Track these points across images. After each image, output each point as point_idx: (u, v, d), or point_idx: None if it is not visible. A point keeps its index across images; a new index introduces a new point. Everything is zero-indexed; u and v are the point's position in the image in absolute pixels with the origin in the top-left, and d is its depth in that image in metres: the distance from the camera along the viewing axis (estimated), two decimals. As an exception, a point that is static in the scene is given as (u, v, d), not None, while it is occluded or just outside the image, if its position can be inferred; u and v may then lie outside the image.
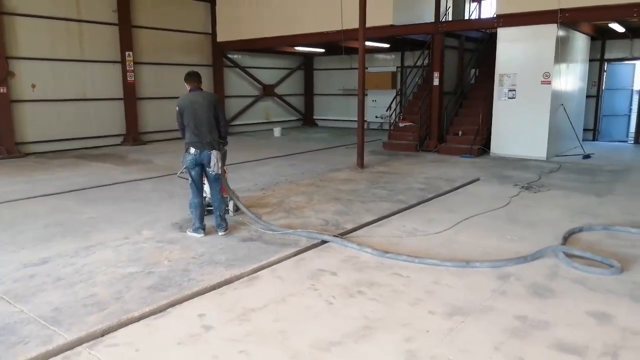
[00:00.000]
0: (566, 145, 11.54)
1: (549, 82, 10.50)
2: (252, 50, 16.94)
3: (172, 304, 3.74)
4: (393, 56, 17.65)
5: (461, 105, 12.91)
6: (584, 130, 13.54)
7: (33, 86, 12.07)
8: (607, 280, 4.25)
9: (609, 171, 9.38)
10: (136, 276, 4.32)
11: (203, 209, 5.51)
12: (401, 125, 13.07)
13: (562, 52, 10.79)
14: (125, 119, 13.85)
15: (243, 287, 4.12)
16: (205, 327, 3.43)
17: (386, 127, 15.15)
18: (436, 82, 11.99)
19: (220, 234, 5.42)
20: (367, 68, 17.71)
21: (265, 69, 18.16)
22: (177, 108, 5.37)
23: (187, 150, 5.35)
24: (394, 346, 3.21)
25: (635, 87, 13.86)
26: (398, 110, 13.98)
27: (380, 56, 18.07)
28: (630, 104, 14.03)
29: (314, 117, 20.10)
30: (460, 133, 11.94)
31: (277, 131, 16.34)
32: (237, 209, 6.16)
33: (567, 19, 10.25)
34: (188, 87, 5.44)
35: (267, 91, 18.16)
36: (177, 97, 5.51)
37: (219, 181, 5.46)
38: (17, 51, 11.64)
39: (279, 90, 18.70)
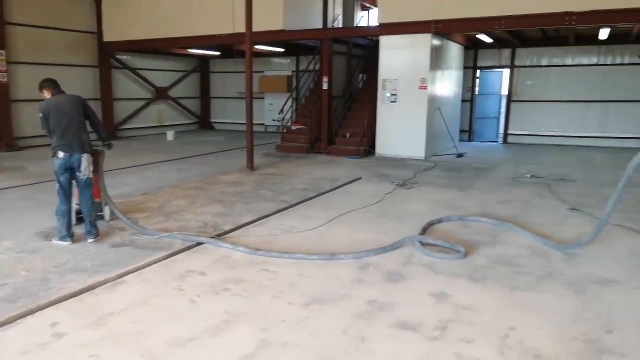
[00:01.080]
0: (443, 145, 12.50)
1: (425, 87, 11.33)
2: (143, 52, 16.40)
3: (23, 315, 3.59)
4: (289, 60, 17.95)
5: (349, 109, 13.49)
6: (461, 131, 14.76)
7: None
8: (452, 264, 4.74)
9: (475, 168, 10.34)
10: (-13, 288, 4.09)
11: (70, 216, 5.30)
12: (294, 128, 13.38)
13: (437, 59, 11.71)
14: (-4, 124, 12.78)
15: (105, 293, 4.06)
16: (56, 335, 3.35)
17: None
18: (325, 86, 12.43)
19: (89, 240, 5.24)
20: (263, 72, 18.05)
21: (159, 71, 17.63)
22: (40, 114, 5.15)
23: (54, 155, 5.13)
24: (249, 337, 3.36)
25: (503, 92, 15.30)
26: (292, 113, 14.26)
27: (276, 60, 18.31)
28: (499, 108, 15.51)
29: (211, 120, 19.85)
30: (348, 135, 12.48)
31: (170, 135, 15.94)
32: (112, 215, 5.99)
33: (440, 29, 11.15)
34: (47, 94, 5.23)
35: (161, 94, 17.64)
36: None
37: (90, 186, 5.26)
38: None
39: (173, 92, 18.23)
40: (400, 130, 11.71)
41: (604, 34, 11.70)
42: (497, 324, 3.56)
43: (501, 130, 15.26)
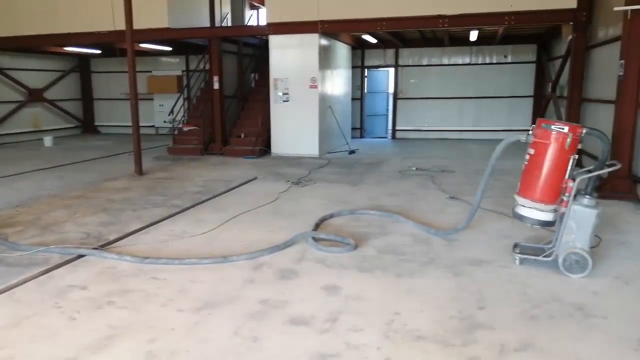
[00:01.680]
0: (336, 143, 12.87)
1: (316, 86, 11.59)
2: (8, 50, 14.90)
3: None
4: (178, 60, 17.35)
5: (243, 108, 13.38)
6: (353, 128, 15.30)
7: None
8: (343, 257, 4.91)
9: (366, 164, 10.78)
10: None
11: None
12: (185, 129, 12.98)
13: (325, 59, 12.01)
14: None
15: (-33, 318, 3.65)
16: None
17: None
18: (216, 85, 12.20)
19: None
20: (151, 72, 17.27)
21: (31, 71, 16.14)
22: None
23: None
24: (135, 350, 3.21)
25: (390, 90, 16.12)
26: (183, 114, 13.81)
27: (165, 59, 17.60)
28: (387, 105, 16.31)
29: (96, 123, 18.60)
30: (242, 135, 12.38)
31: (47, 140, 14.67)
32: None
33: (327, 29, 11.44)
34: None
35: (35, 96, 16.17)
36: None
37: None
38: None
39: (49, 94, 16.80)
40: (294, 129, 11.86)
41: (473, 35, 12.80)
42: (383, 311, 3.75)
43: (390, 126, 16.05)
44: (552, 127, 4.23)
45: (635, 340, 3.31)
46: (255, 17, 18.31)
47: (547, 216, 4.43)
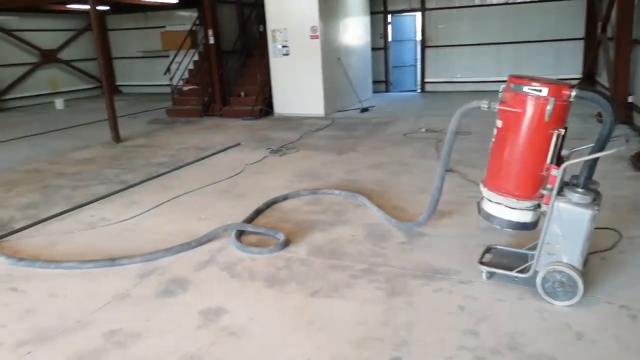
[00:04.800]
0: (349, 100, 11.49)
1: (317, 37, 10.18)
2: (15, 10, 14.40)
3: None
4: (190, 13, 16.26)
5: (244, 64, 12.21)
6: (376, 82, 13.77)
7: None
8: (260, 261, 3.82)
9: (373, 124, 9.42)
10: None
11: None
12: (185, 89, 12.06)
13: (331, 4, 10.52)
14: None
15: None
16: None
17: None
18: (211, 40, 11.08)
19: None
20: (164, 27, 16.33)
21: (43, 32, 15.66)
22: None
23: None
24: None
25: (418, 38, 14.30)
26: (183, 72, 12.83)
27: (179, 13, 16.57)
28: (415, 55, 14.54)
29: (117, 83, 18.11)
30: (242, 94, 11.30)
31: (59, 103, 14.31)
32: None
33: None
34: None
35: (48, 57, 15.76)
36: None
37: None
38: None
39: (64, 55, 16.35)
40: (295, 86, 10.62)
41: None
42: (262, 356, 2.69)
43: (419, 78, 14.35)
44: (525, 88, 2.84)
45: None
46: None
47: (522, 216, 3.10)
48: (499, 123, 3.07)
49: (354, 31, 12.01)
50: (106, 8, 15.51)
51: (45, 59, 15.65)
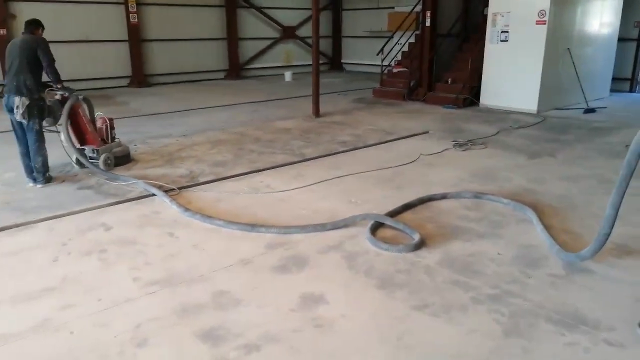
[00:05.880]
0: (574, 97, 9.96)
1: (544, 22, 8.98)
2: (267, -12, 16.30)
3: None
4: (420, -7, 16.07)
5: (460, 49, 11.54)
6: (616, 79, 11.63)
7: (12, 17, 12.45)
8: (383, 258, 3.62)
9: (591, 129, 7.99)
10: None
11: (26, 159, 5.25)
12: (395, 71, 12.06)
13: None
14: (130, 61, 14.09)
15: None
16: None
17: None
18: (427, 22, 10.77)
19: (38, 186, 5.18)
20: (393, 7, 16.55)
21: (286, 9, 17.43)
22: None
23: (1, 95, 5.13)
24: (49, 307, 2.99)
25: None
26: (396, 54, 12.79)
27: (409, -7, 16.55)
28: (680, 49, 11.72)
29: (342, 61, 19.21)
30: (449, 81, 10.77)
31: (287, 75, 15.84)
32: (108, 162, 5.75)
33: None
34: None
35: (288, 33, 17.52)
36: (185, 40, 5.14)
37: (32, 131, 5.07)
38: (17, -7, 12.08)
39: (302, 32, 17.96)
40: (509, 76, 9.65)
41: None
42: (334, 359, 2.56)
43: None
44: None
45: None
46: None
47: None
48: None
49: (597, 17, 10.26)
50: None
51: (284, 34, 17.45)
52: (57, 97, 5.34)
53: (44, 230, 4.19)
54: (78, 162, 5.75)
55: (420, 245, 3.78)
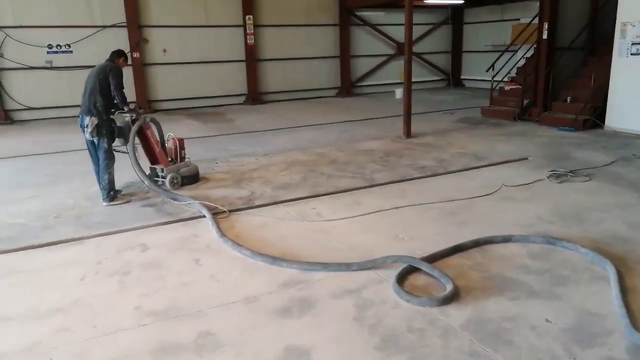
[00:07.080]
0: None
1: (687, 30, 7.47)
2: (383, 6, 16.06)
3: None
4: (548, 3, 14.57)
5: (585, 64, 10.12)
6: None
7: (164, 51, 13.82)
8: (401, 312, 3.13)
9: None
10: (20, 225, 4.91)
11: (98, 177, 5.54)
12: (507, 88, 11.01)
13: None
14: (246, 80, 14.85)
15: (49, 252, 4.31)
16: (-45, 280, 3.79)
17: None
18: (545, 35, 9.65)
19: (103, 204, 5.46)
20: (519, 19, 15.29)
21: (401, 26, 16.88)
22: None
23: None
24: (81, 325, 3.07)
25: None
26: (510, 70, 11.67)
27: (537, 3, 15.12)
28: None
29: (462, 77, 18.20)
30: (568, 99, 9.48)
31: (398, 93, 15.36)
32: (174, 182, 5.89)
33: None
34: None
35: (403, 49, 17.05)
36: (298, 59, 5.45)
37: (101, 149, 5.40)
38: (149, 20, 13.42)
39: (418, 48, 17.37)
40: (641, 94, 8.19)
41: None
42: None
43: None
44: None
45: None
46: None
47: None
48: None
49: None
50: (461, 1, 15.55)
51: (399, 51, 17.03)
52: (127, 119, 5.65)
53: (91, 247, 4.39)
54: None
55: (450, 299, 3.21)
